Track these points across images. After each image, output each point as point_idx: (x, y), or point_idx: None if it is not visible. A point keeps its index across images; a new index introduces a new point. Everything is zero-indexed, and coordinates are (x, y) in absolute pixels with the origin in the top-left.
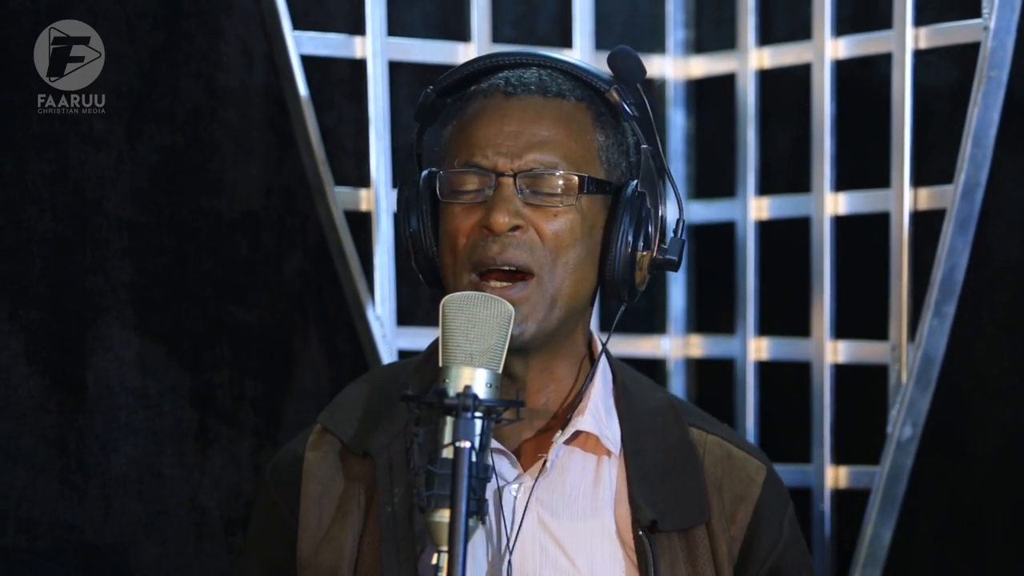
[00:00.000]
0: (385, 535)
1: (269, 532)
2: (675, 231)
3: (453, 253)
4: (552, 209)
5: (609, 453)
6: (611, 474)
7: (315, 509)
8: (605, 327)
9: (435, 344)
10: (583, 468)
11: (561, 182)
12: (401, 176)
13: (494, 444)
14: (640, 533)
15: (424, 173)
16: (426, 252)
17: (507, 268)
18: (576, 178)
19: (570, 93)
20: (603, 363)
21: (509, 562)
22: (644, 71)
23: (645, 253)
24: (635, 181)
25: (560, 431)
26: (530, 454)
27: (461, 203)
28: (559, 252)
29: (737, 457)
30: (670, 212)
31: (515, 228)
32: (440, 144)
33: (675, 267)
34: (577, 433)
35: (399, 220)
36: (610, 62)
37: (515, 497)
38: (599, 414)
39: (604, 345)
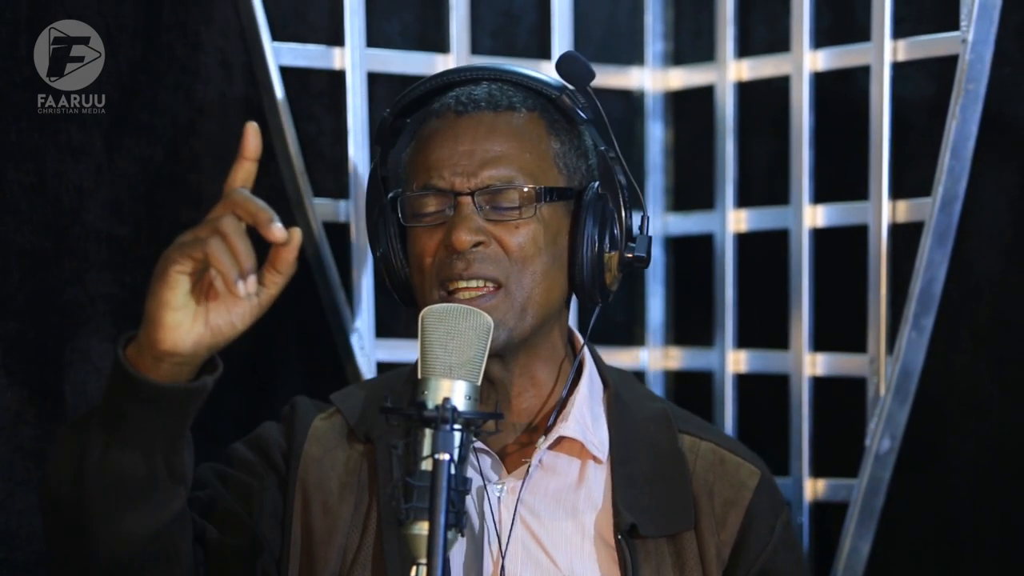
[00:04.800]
0: (385, 516)
1: (251, 449)
2: (640, 228)
3: (421, 273)
4: (512, 223)
5: (596, 460)
6: (597, 479)
7: (315, 469)
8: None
9: None
10: (568, 472)
11: (518, 195)
12: (367, 199)
13: (477, 444)
14: (620, 537)
15: (389, 196)
16: (397, 273)
17: (475, 283)
18: (533, 190)
19: (521, 104)
20: (590, 369)
21: (503, 567)
22: (593, 74)
23: (612, 253)
24: (595, 184)
25: (544, 436)
26: (514, 456)
27: (424, 225)
28: (525, 263)
29: (730, 462)
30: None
31: (477, 244)
32: (401, 166)
33: (644, 264)
34: (561, 438)
35: (371, 243)
36: (558, 68)
37: (498, 497)
38: (584, 420)
39: (592, 351)
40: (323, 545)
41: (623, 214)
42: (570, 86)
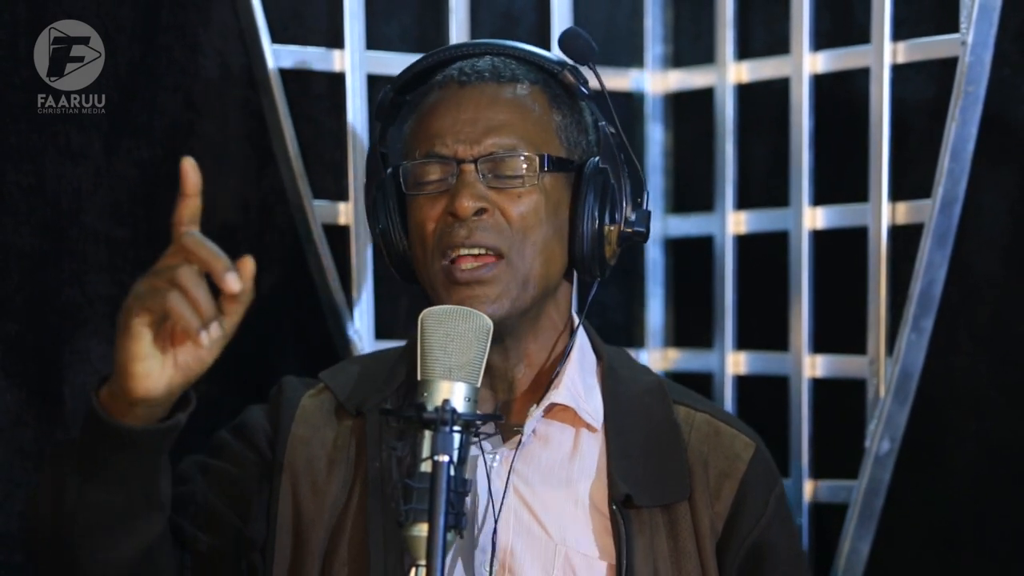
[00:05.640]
0: (372, 489)
1: (235, 437)
2: (640, 203)
3: (423, 243)
4: (515, 191)
5: (591, 428)
6: (591, 449)
7: (303, 450)
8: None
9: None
10: (561, 440)
11: (522, 163)
12: (366, 176)
13: None
14: (614, 507)
15: (389, 170)
16: (397, 247)
17: (476, 251)
18: (536, 158)
19: (523, 77)
20: (582, 341)
21: (495, 531)
22: (595, 50)
23: (612, 227)
24: (596, 158)
25: (536, 405)
26: (508, 427)
27: (426, 194)
28: (526, 233)
29: (725, 434)
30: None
31: (480, 212)
32: (402, 140)
33: (644, 238)
34: (554, 406)
35: (369, 219)
36: (561, 44)
37: (491, 467)
38: (576, 388)
39: (587, 328)
40: (313, 525)
41: (623, 188)
42: (571, 61)
